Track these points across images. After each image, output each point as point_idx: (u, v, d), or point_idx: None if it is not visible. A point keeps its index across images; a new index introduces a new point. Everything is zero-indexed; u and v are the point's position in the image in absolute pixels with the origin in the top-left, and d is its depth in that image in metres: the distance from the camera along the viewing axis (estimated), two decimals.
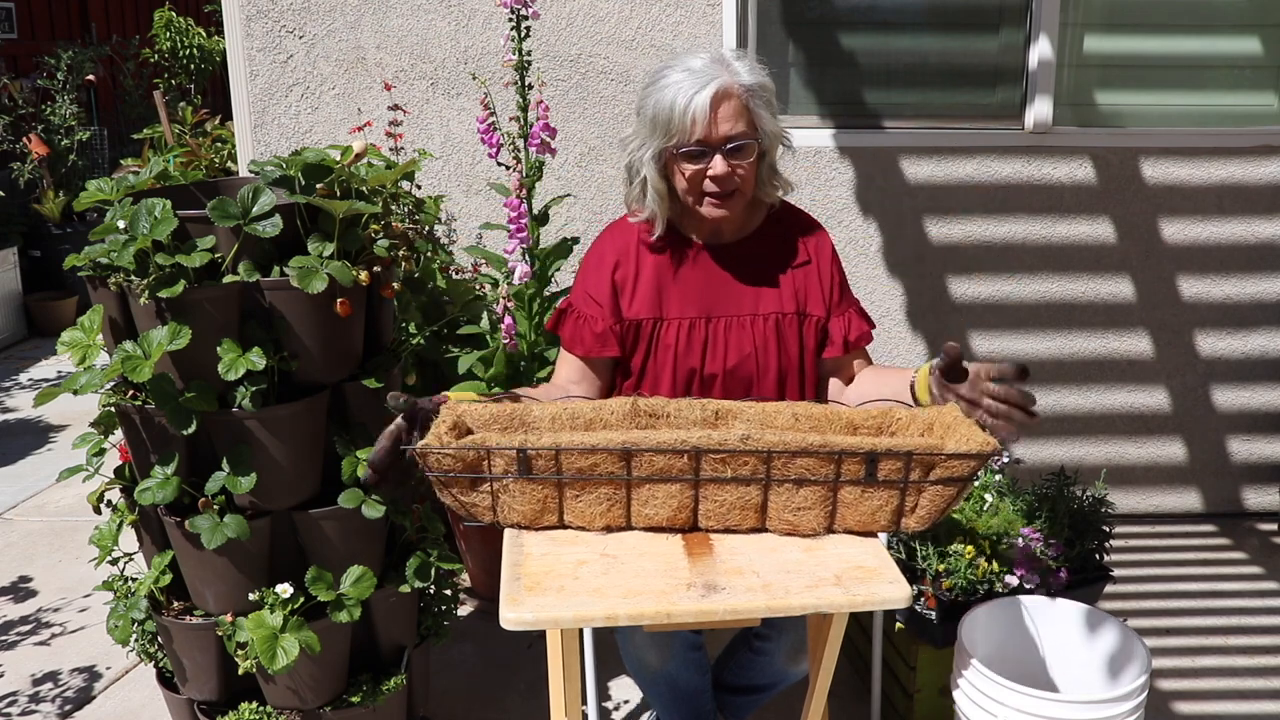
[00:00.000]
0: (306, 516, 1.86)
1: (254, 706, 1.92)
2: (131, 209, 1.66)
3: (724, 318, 1.83)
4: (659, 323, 1.83)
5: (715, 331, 1.82)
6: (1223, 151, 3.14)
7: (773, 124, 1.77)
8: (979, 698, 1.79)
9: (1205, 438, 3.33)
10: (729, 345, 1.82)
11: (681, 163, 1.74)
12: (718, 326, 1.83)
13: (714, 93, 1.69)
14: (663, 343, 1.83)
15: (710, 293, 1.84)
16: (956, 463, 1.41)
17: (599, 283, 1.85)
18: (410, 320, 2.36)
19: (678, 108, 1.70)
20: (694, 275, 1.84)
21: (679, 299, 1.83)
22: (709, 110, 1.69)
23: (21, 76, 6.61)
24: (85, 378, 1.69)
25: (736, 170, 1.74)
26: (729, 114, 1.70)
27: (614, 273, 1.85)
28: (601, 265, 1.86)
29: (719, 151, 1.72)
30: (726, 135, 1.71)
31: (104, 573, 2.06)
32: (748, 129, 1.73)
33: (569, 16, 3.04)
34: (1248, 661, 2.61)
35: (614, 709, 2.45)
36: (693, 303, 1.83)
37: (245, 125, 3.12)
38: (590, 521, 1.46)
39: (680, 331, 1.82)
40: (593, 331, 1.82)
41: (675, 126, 1.71)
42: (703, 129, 1.70)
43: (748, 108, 1.73)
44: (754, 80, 1.74)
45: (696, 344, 1.82)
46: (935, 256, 3.19)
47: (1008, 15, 3.11)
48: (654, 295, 1.84)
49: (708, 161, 1.73)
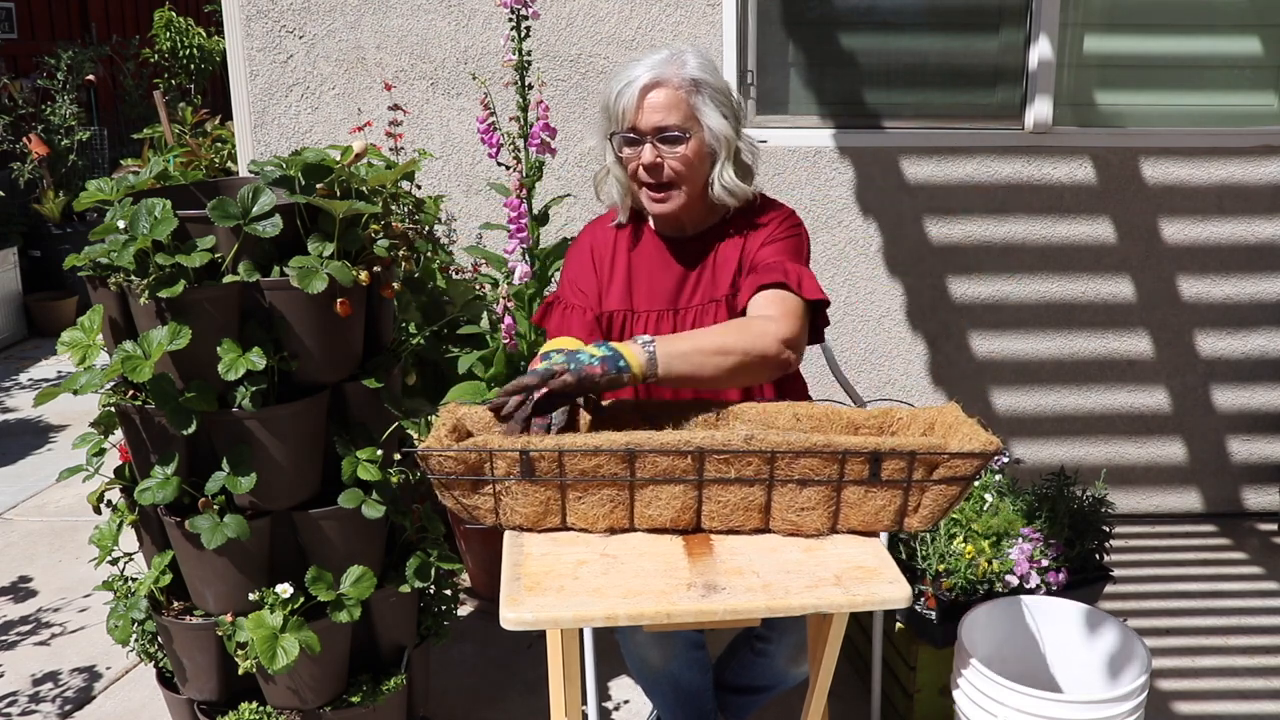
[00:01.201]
0: (306, 516, 1.86)
1: (254, 706, 1.92)
2: (131, 209, 1.66)
3: (691, 309, 1.86)
4: (631, 315, 1.86)
5: (683, 322, 1.85)
6: (1223, 151, 3.14)
7: (723, 125, 1.77)
8: (979, 698, 1.79)
9: (1205, 438, 3.33)
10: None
11: (621, 149, 1.79)
12: (685, 318, 1.85)
13: (646, 82, 1.73)
14: (633, 334, 1.85)
15: (676, 286, 1.87)
16: (960, 462, 1.41)
17: (583, 274, 1.89)
18: (410, 320, 2.35)
19: (613, 93, 1.76)
20: (660, 268, 1.87)
21: (647, 292, 1.87)
22: (637, 98, 1.73)
23: (21, 76, 6.60)
24: (85, 378, 1.69)
25: (667, 161, 1.75)
26: (661, 104, 1.73)
27: (594, 263, 1.89)
28: (583, 258, 1.91)
29: (649, 140, 1.75)
30: (656, 125, 1.74)
31: (104, 573, 2.06)
32: (683, 122, 1.74)
33: (569, 16, 3.04)
34: (1248, 661, 2.61)
35: (614, 709, 2.45)
36: (660, 295, 1.87)
37: (245, 125, 3.12)
38: (593, 523, 1.46)
39: (649, 323, 1.86)
40: (581, 321, 1.84)
41: (612, 111, 1.77)
42: (633, 115, 1.74)
43: (688, 101, 1.74)
44: (700, 75, 1.75)
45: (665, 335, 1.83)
46: (935, 256, 3.19)
47: (1008, 15, 3.11)
48: (625, 288, 1.87)
49: (640, 149, 1.76)
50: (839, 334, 3.22)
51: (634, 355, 1.54)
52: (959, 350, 3.25)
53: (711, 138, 1.77)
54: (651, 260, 1.88)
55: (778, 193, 3.10)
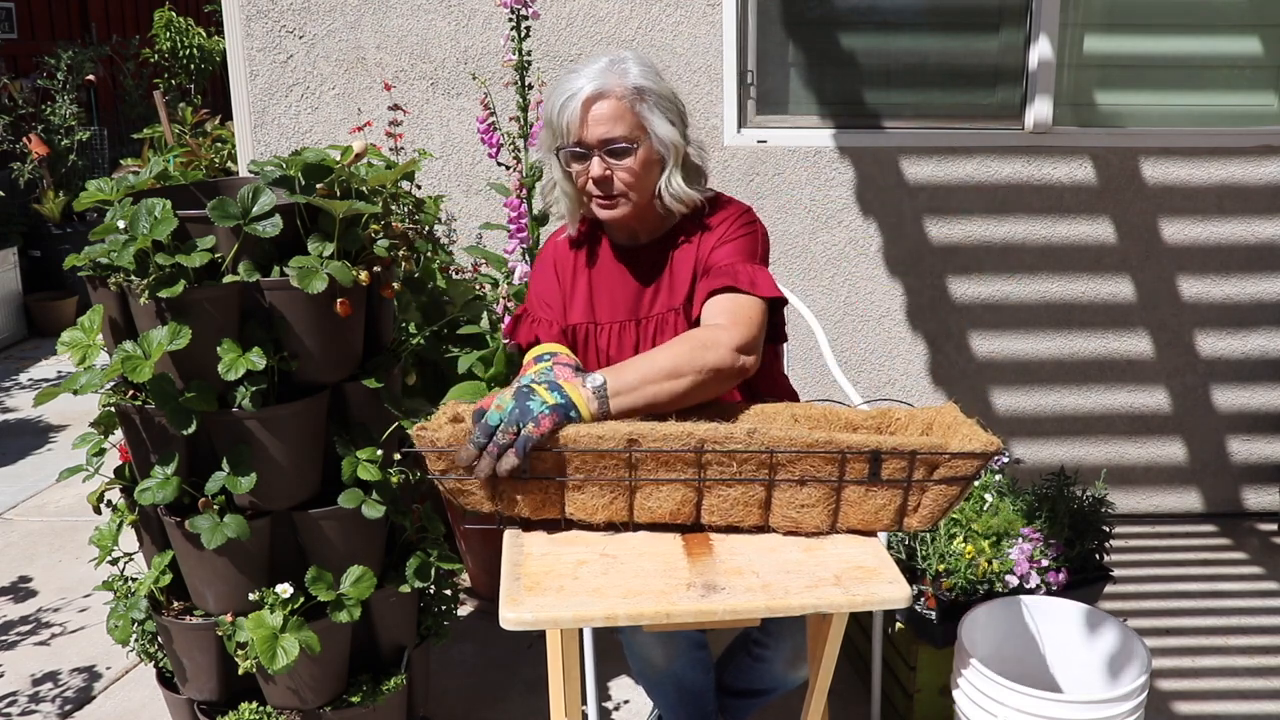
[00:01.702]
0: (306, 516, 1.86)
1: (254, 706, 1.92)
2: (131, 209, 1.66)
3: (651, 319, 1.83)
4: (594, 327, 1.84)
5: (645, 332, 1.83)
6: (1223, 151, 3.14)
7: (670, 132, 1.73)
8: (979, 698, 1.79)
9: (1205, 438, 3.33)
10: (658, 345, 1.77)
11: (569, 164, 1.76)
12: (647, 327, 1.83)
13: (589, 94, 1.69)
14: (597, 347, 1.84)
15: (635, 294, 1.84)
16: (960, 462, 1.41)
17: (548, 288, 1.87)
18: (410, 320, 2.36)
19: (555, 108, 1.71)
20: (619, 278, 1.85)
21: (608, 303, 1.84)
22: (580, 111, 1.69)
23: (21, 76, 6.60)
24: (85, 378, 1.69)
25: (616, 173, 1.72)
26: (605, 116, 1.69)
27: (557, 278, 1.87)
28: (546, 272, 1.88)
29: (596, 153, 1.72)
30: (602, 138, 1.70)
31: (104, 573, 2.06)
32: (630, 132, 1.71)
33: (569, 16, 3.04)
34: (1248, 661, 2.61)
35: (614, 709, 2.45)
36: (620, 306, 1.84)
37: (245, 125, 3.12)
38: (592, 514, 1.46)
39: (612, 335, 1.83)
40: (549, 334, 1.83)
41: (556, 126, 1.72)
42: (578, 129, 1.70)
43: (634, 110, 1.71)
44: (644, 83, 1.72)
45: (628, 346, 1.83)
46: (935, 256, 3.19)
47: (1008, 15, 3.11)
48: (587, 300, 1.85)
49: (589, 163, 1.73)
50: (839, 334, 3.23)
51: (583, 401, 1.48)
52: (959, 350, 3.25)
53: (659, 144, 1.74)
54: (610, 271, 1.85)
55: (778, 193, 3.10)
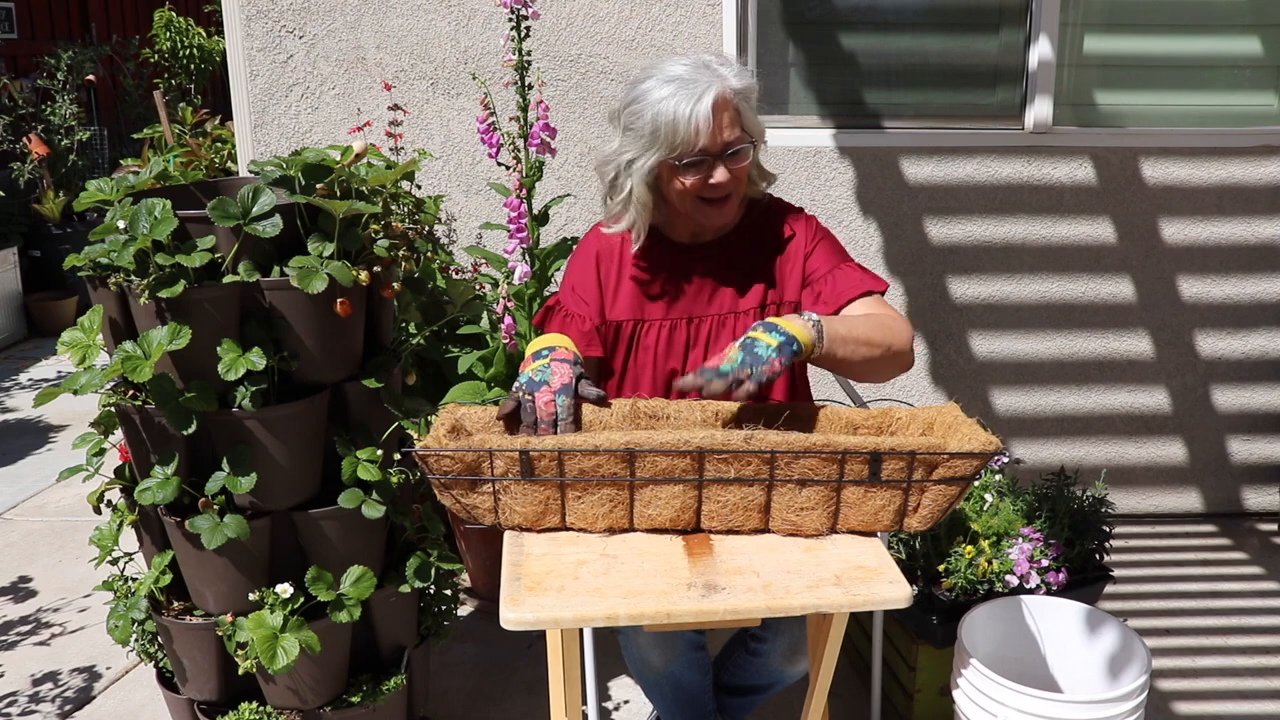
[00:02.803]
0: (306, 516, 1.86)
1: (254, 706, 1.92)
2: (131, 209, 1.66)
3: (706, 318, 1.83)
4: (640, 324, 1.83)
5: (698, 333, 1.82)
6: (1223, 151, 3.14)
7: (757, 123, 1.77)
8: (979, 698, 1.79)
9: (1205, 438, 3.33)
10: (711, 346, 1.81)
11: (682, 174, 1.72)
12: (700, 327, 1.82)
13: (713, 101, 1.67)
14: (643, 344, 1.83)
15: (692, 294, 1.83)
16: (959, 462, 1.41)
17: (586, 282, 1.85)
18: (410, 320, 2.36)
19: (680, 119, 1.67)
20: (676, 277, 1.84)
21: (661, 301, 1.83)
22: (711, 119, 1.67)
23: (21, 76, 6.61)
24: (85, 378, 1.69)
25: (736, 175, 1.74)
26: (726, 122, 1.70)
27: (599, 272, 1.85)
28: (588, 265, 1.86)
29: (720, 159, 1.71)
30: (726, 142, 1.70)
31: (104, 573, 2.06)
32: (742, 133, 1.73)
33: (569, 16, 3.04)
34: (1248, 661, 2.61)
35: (614, 709, 2.45)
36: (674, 304, 1.83)
37: (245, 125, 3.12)
38: (593, 523, 1.46)
39: (661, 333, 1.82)
40: (580, 330, 1.81)
41: (680, 139, 1.67)
42: (706, 139, 1.68)
43: (739, 111, 1.72)
44: (742, 84, 1.73)
45: (679, 345, 1.82)
46: (935, 256, 3.19)
47: (1008, 15, 3.11)
48: (636, 297, 1.83)
49: (709, 170, 1.71)
50: None
51: (803, 333, 1.56)
52: (959, 350, 3.25)
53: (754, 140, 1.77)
54: (663, 268, 1.84)
55: (777, 193, 3.07)
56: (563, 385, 1.54)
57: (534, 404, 1.52)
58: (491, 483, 1.44)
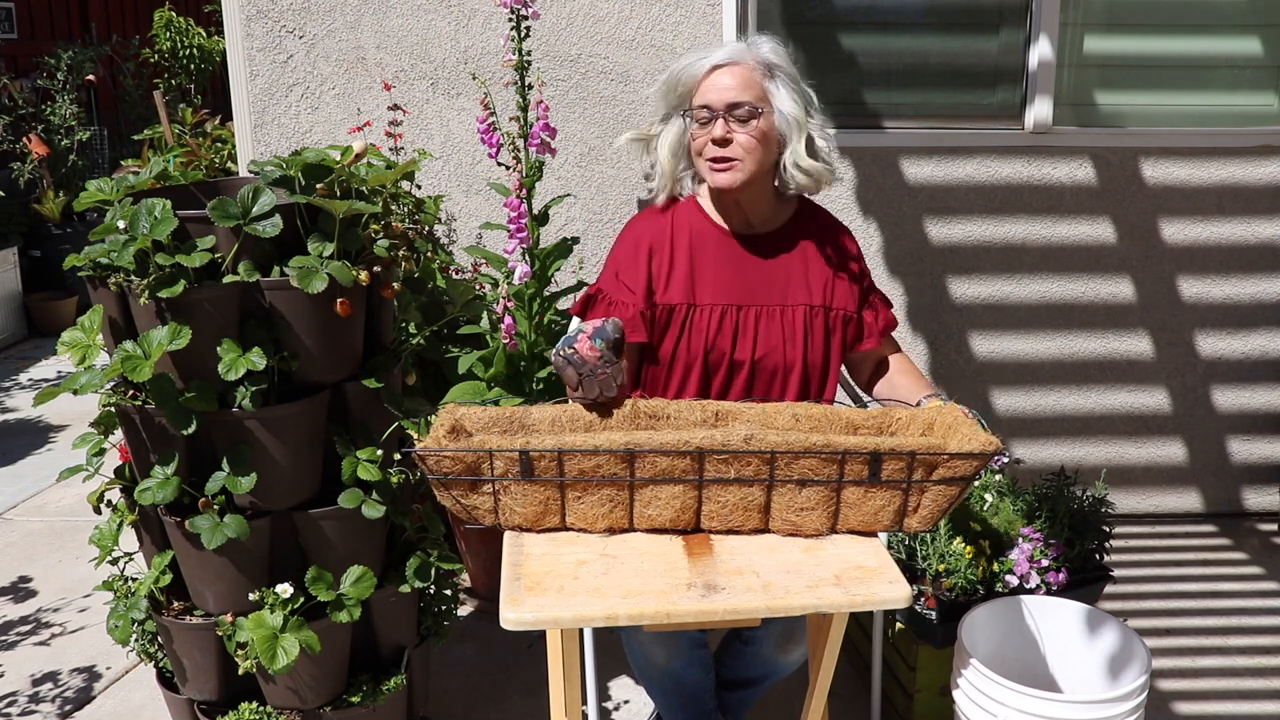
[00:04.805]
0: (306, 516, 1.86)
1: (254, 706, 1.92)
2: (131, 209, 1.66)
3: (754, 307, 1.87)
4: (692, 308, 1.86)
5: (745, 320, 1.86)
6: (1223, 151, 3.14)
7: (795, 109, 1.81)
8: (979, 698, 1.79)
9: (1205, 438, 3.33)
10: (759, 335, 1.86)
11: (696, 133, 1.81)
12: (748, 315, 1.86)
13: (719, 59, 1.78)
14: (695, 328, 1.86)
15: (741, 281, 1.87)
16: (959, 462, 1.41)
17: (634, 268, 1.88)
18: (410, 320, 2.35)
19: (687, 66, 1.79)
20: (726, 263, 1.88)
21: (711, 286, 1.87)
22: (708, 70, 1.78)
23: (21, 76, 6.60)
24: (85, 378, 1.69)
25: (736, 136, 1.77)
26: (735, 81, 1.77)
27: (650, 259, 1.88)
28: (638, 251, 1.89)
29: (721, 115, 1.77)
30: (730, 101, 1.77)
31: (104, 573, 2.06)
32: (755, 100, 1.77)
33: (569, 16, 3.04)
34: (1248, 661, 2.61)
35: (614, 709, 2.45)
36: (724, 290, 1.87)
37: (245, 125, 3.12)
38: (592, 523, 1.46)
39: (712, 318, 1.86)
40: (623, 317, 1.83)
41: (682, 87, 1.80)
42: (713, 93, 1.77)
43: (761, 83, 1.78)
44: (774, 58, 1.80)
45: (728, 331, 1.86)
46: (935, 256, 3.19)
47: (1008, 15, 3.11)
48: (688, 281, 1.87)
49: (712, 125, 1.78)
50: None
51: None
52: (959, 350, 3.25)
53: (782, 121, 1.81)
54: (717, 255, 1.88)
55: None
56: (595, 329, 1.59)
57: (578, 355, 1.56)
58: (491, 483, 1.44)
